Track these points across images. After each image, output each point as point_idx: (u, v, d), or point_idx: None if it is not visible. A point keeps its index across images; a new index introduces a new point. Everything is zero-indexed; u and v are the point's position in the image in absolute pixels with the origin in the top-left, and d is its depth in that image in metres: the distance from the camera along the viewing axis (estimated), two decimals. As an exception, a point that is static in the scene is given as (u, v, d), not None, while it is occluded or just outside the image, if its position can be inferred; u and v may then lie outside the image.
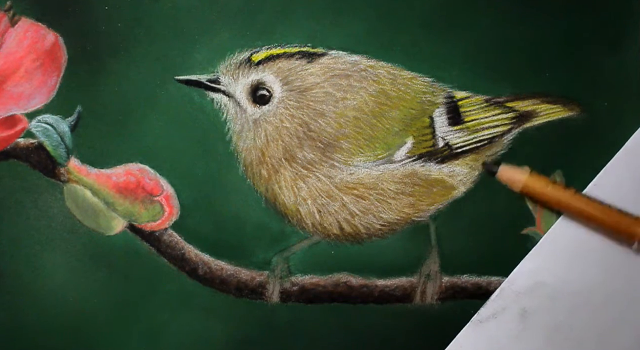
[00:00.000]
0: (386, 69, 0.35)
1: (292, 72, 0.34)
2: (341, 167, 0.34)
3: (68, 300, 0.35)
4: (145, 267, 0.35)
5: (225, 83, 0.35)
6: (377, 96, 0.35)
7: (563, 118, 0.36)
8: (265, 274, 0.35)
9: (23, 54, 0.34)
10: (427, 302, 0.35)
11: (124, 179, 0.35)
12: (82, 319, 0.35)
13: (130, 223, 0.35)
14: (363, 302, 0.36)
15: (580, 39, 0.36)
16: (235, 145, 0.35)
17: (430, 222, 0.35)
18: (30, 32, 0.34)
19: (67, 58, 0.35)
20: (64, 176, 0.35)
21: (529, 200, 0.35)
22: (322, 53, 0.35)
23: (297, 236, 0.35)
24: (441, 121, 0.35)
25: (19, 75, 0.34)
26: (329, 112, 0.34)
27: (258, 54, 0.34)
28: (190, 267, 0.35)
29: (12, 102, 0.35)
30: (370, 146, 0.34)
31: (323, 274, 0.35)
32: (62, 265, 0.35)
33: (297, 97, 0.34)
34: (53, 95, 0.35)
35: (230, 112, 0.35)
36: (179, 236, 0.35)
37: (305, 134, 0.34)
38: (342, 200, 0.35)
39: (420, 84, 0.35)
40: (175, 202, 0.35)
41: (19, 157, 0.35)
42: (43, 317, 0.35)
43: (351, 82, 0.34)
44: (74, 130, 0.35)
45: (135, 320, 0.35)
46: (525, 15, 0.35)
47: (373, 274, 0.35)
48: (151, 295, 0.35)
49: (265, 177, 0.35)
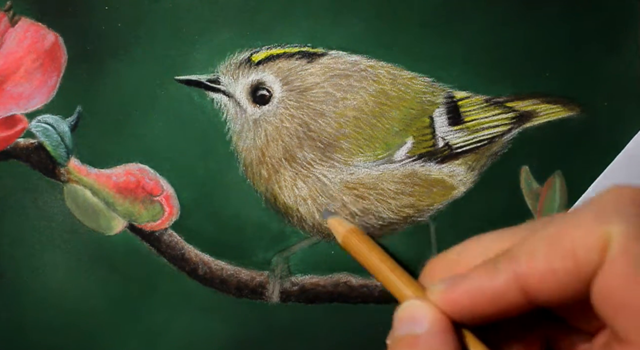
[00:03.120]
0: (386, 69, 0.35)
1: (292, 72, 0.34)
2: (341, 167, 0.34)
3: (68, 300, 0.35)
4: (145, 267, 0.35)
5: (225, 83, 0.35)
6: (377, 96, 0.35)
7: (563, 118, 0.36)
8: (265, 274, 0.35)
9: (23, 54, 0.34)
10: (427, 302, 0.35)
11: (124, 179, 0.35)
12: (82, 319, 0.35)
13: (130, 223, 0.35)
14: (363, 302, 0.36)
15: (580, 39, 0.36)
16: (235, 145, 0.35)
17: (430, 222, 0.35)
18: (30, 32, 0.34)
19: (67, 58, 0.35)
20: (64, 176, 0.35)
21: None
22: (322, 53, 0.35)
23: (297, 236, 0.35)
24: (441, 121, 0.35)
25: (19, 75, 0.34)
26: (329, 112, 0.34)
27: (258, 54, 0.34)
28: (190, 267, 0.35)
29: (12, 102, 0.35)
30: (370, 146, 0.34)
31: (323, 274, 0.35)
32: (62, 265, 0.35)
33: (297, 97, 0.34)
34: (53, 95, 0.35)
35: (230, 112, 0.35)
36: (179, 236, 0.35)
37: (305, 134, 0.34)
38: (342, 200, 0.35)
39: (420, 84, 0.35)
40: (175, 202, 0.35)
41: (19, 157, 0.35)
42: (43, 316, 0.35)
43: (351, 82, 0.34)
44: (74, 130, 0.35)
45: (135, 320, 0.35)
46: (525, 15, 0.35)
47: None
48: (151, 295, 0.35)
49: (265, 177, 0.35)
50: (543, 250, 0.21)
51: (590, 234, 0.21)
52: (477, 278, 0.23)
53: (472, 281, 0.23)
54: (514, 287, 0.22)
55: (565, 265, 0.21)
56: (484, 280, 0.22)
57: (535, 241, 0.22)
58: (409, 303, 0.24)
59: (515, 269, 0.22)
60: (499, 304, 0.22)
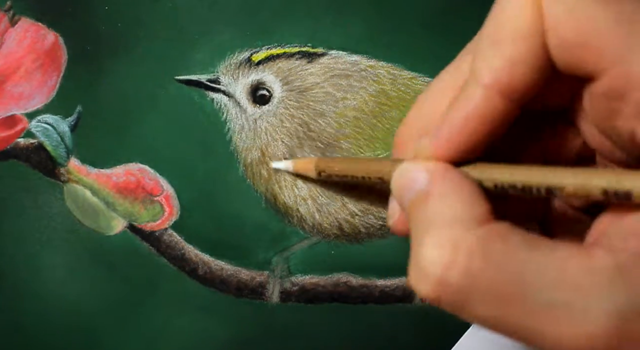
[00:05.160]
0: (386, 69, 0.35)
1: (292, 72, 0.34)
2: (341, 167, 0.34)
3: (68, 300, 0.35)
4: (145, 267, 0.35)
5: (225, 83, 0.35)
6: (377, 96, 0.35)
7: (563, 118, 0.36)
8: (265, 274, 0.35)
9: (23, 54, 0.34)
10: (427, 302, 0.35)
11: (124, 179, 0.35)
12: (81, 319, 0.35)
13: (130, 223, 0.35)
14: (363, 302, 0.36)
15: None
16: (235, 145, 0.35)
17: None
18: (30, 32, 0.34)
19: (67, 58, 0.35)
20: (64, 176, 0.35)
21: None
22: (322, 53, 0.35)
23: (297, 236, 0.35)
24: (441, 121, 0.35)
25: (19, 75, 0.34)
26: (329, 112, 0.34)
27: (258, 54, 0.34)
28: (190, 267, 0.35)
29: (12, 102, 0.35)
30: (370, 146, 0.34)
31: (323, 274, 0.35)
32: (62, 265, 0.35)
33: (297, 97, 0.34)
34: (53, 95, 0.35)
35: (230, 112, 0.35)
36: (179, 236, 0.35)
37: (305, 134, 0.34)
38: (342, 200, 0.35)
39: (420, 84, 0.35)
40: (175, 202, 0.35)
41: (19, 157, 0.35)
42: (43, 317, 0.35)
43: (351, 82, 0.34)
44: (74, 130, 0.35)
45: (135, 320, 0.35)
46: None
47: (373, 274, 0.35)
48: (151, 295, 0.35)
49: (265, 177, 0.35)
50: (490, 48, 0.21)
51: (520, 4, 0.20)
52: (455, 113, 0.22)
53: (452, 118, 0.22)
54: (492, 94, 0.21)
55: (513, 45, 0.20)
56: (461, 110, 0.21)
57: (482, 46, 0.21)
58: (401, 167, 0.23)
59: (481, 82, 0.21)
60: (487, 120, 0.21)
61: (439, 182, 0.21)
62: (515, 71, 0.21)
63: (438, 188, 0.21)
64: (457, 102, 0.22)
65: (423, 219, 0.21)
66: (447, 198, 0.21)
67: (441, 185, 0.21)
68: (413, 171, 0.22)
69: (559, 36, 0.20)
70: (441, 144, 0.22)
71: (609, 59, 0.19)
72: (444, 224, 0.20)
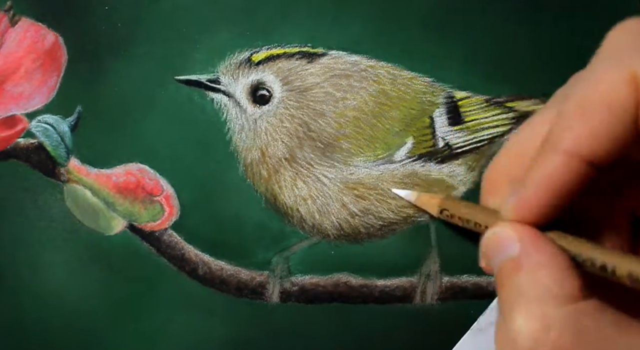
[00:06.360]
0: (386, 69, 0.35)
1: (292, 72, 0.34)
2: (341, 167, 0.34)
3: (68, 299, 0.35)
4: (145, 267, 0.35)
5: (225, 83, 0.35)
6: (377, 96, 0.35)
7: (563, 118, 0.36)
8: (265, 274, 0.35)
9: (23, 54, 0.34)
10: (427, 302, 0.35)
11: (124, 179, 0.35)
12: (82, 319, 0.35)
13: (130, 223, 0.35)
14: (363, 302, 0.36)
15: (581, 39, 0.35)
16: (235, 145, 0.35)
17: (430, 222, 0.35)
18: (30, 32, 0.34)
19: (67, 58, 0.35)
20: (64, 176, 0.35)
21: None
22: (322, 53, 0.35)
23: (297, 236, 0.35)
24: (441, 121, 0.35)
25: (19, 75, 0.34)
26: (329, 112, 0.34)
27: (258, 54, 0.34)
28: (190, 267, 0.35)
29: (12, 102, 0.35)
30: (370, 146, 0.34)
31: (323, 274, 0.35)
32: (62, 265, 0.35)
33: (297, 97, 0.34)
34: (53, 95, 0.35)
35: (230, 112, 0.35)
36: (179, 236, 0.35)
37: (305, 134, 0.34)
38: (342, 201, 0.35)
39: (420, 84, 0.35)
40: (175, 202, 0.35)
41: (19, 157, 0.35)
42: (43, 316, 0.35)
43: (351, 82, 0.34)
44: (74, 130, 0.35)
45: (135, 320, 0.35)
46: (525, 15, 0.35)
47: (373, 274, 0.35)
48: (151, 295, 0.35)
49: (265, 177, 0.35)
50: (577, 117, 0.21)
51: (617, 80, 0.21)
52: (535, 176, 0.22)
53: (532, 180, 0.22)
54: (572, 161, 0.21)
55: (603, 117, 0.21)
56: (541, 174, 0.22)
57: (568, 112, 0.22)
58: (489, 232, 0.23)
59: (562, 147, 0.21)
60: (567, 184, 0.22)
61: (530, 253, 0.22)
62: (598, 141, 0.21)
63: (530, 259, 0.22)
64: (536, 165, 0.22)
65: (514, 288, 0.21)
66: (539, 271, 0.21)
67: (533, 256, 0.22)
68: (502, 237, 0.23)
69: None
70: (523, 208, 0.22)
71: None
72: (535, 298, 0.21)
